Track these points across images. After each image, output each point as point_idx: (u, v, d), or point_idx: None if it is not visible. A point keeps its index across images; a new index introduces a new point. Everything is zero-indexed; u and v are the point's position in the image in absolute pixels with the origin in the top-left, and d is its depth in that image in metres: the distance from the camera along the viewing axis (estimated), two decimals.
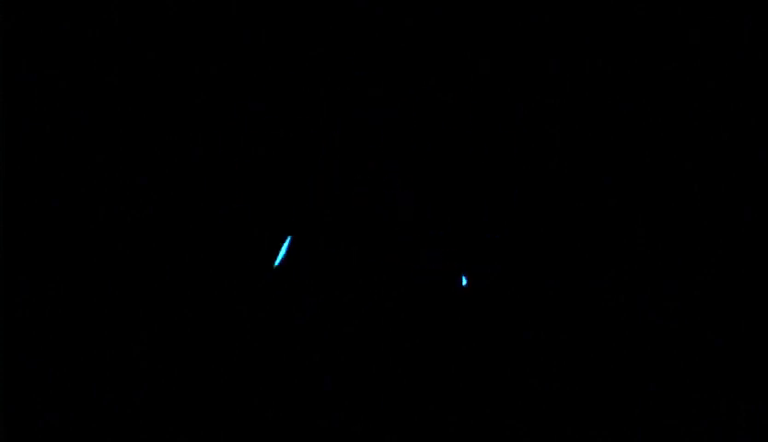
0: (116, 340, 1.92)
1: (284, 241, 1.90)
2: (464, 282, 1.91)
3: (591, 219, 1.93)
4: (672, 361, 1.88)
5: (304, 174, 1.96)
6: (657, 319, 1.89)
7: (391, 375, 1.93)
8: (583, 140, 1.93)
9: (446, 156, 1.96)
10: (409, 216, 1.96)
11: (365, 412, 1.91)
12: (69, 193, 1.94)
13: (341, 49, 1.95)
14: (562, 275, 1.93)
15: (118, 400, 1.91)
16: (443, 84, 1.95)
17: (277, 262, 1.91)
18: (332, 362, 1.93)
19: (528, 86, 1.93)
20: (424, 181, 1.96)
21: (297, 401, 1.92)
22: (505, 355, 1.92)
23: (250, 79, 1.96)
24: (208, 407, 1.92)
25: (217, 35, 1.95)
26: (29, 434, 1.90)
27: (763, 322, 1.87)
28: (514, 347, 1.92)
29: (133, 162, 1.95)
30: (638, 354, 1.89)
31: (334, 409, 1.91)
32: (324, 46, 1.95)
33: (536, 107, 1.94)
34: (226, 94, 1.96)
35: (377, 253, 1.96)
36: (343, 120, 1.96)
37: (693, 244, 1.90)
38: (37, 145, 1.94)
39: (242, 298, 1.94)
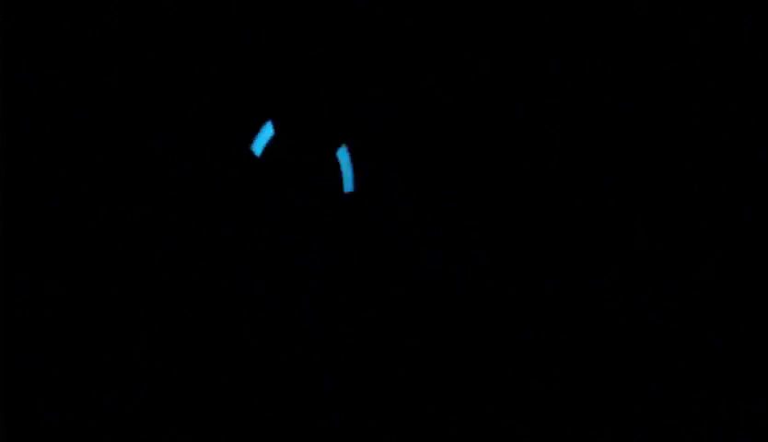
0: (116, 340, 1.93)
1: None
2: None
3: (591, 219, 1.93)
4: (672, 361, 1.89)
5: (303, 174, 1.96)
6: (657, 319, 1.89)
7: (391, 375, 1.93)
8: (583, 140, 1.93)
9: (446, 156, 1.96)
10: (409, 216, 1.97)
11: (365, 412, 1.92)
12: (69, 193, 1.94)
13: (341, 49, 1.95)
14: (562, 275, 1.93)
15: (118, 400, 1.91)
16: (443, 84, 1.95)
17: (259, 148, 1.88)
18: (332, 362, 1.94)
19: (528, 86, 1.94)
20: (424, 181, 1.96)
21: (297, 401, 1.92)
22: (505, 355, 1.92)
23: (250, 79, 1.96)
24: (208, 407, 1.92)
25: (217, 35, 1.95)
26: (29, 434, 1.90)
27: (763, 322, 1.87)
28: (514, 347, 1.92)
29: (134, 162, 1.95)
30: (638, 354, 1.89)
31: (334, 409, 1.92)
32: (324, 46, 1.95)
33: (536, 107, 1.94)
34: (225, 94, 1.96)
35: (376, 253, 1.96)
36: (343, 120, 1.96)
37: (693, 244, 1.90)
38: (37, 145, 1.94)
39: (242, 298, 1.95)
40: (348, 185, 1.89)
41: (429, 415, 1.91)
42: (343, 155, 1.87)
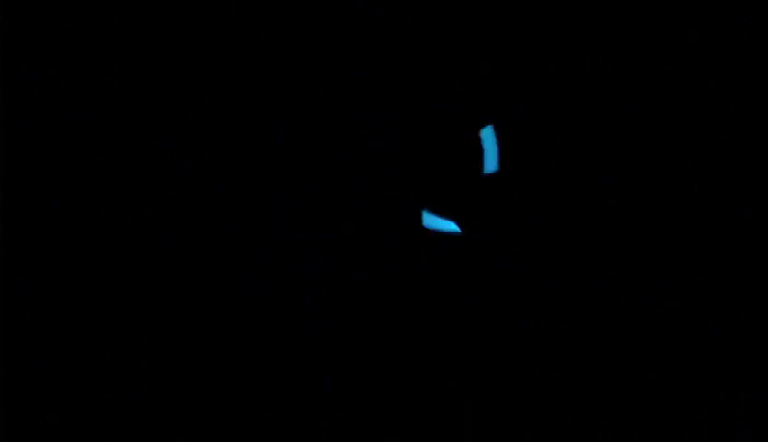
0: (116, 340, 1.93)
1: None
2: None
3: (591, 219, 1.93)
4: (672, 351, 1.89)
5: (303, 174, 1.96)
6: (657, 311, 1.89)
7: (391, 375, 1.93)
8: (583, 140, 1.93)
9: (446, 156, 1.96)
10: (409, 216, 1.96)
11: (365, 412, 1.91)
12: (69, 193, 1.94)
13: (341, 49, 1.95)
14: (562, 275, 1.93)
15: (118, 400, 1.91)
16: (443, 84, 1.95)
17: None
18: (332, 362, 1.93)
19: (528, 86, 1.94)
20: (425, 182, 1.96)
21: (297, 401, 1.92)
22: (505, 356, 1.92)
23: (250, 79, 1.96)
24: (208, 407, 1.92)
25: (217, 35, 1.95)
26: (29, 434, 1.90)
27: (763, 316, 1.87)
28: (514, 347, 1.92)
29: (134, 162, 1.95)
30: (638, 346, 1.89)
31: (334, 409, 1.91)
32: (324, 46, 1.95)
33: (536, 107, 1.94)
34: (226, 94, 1.96)
35: (377, 253, 1.96)
36: (343, 120, 1.96)
37: (693, 244, 1.90)
38: (37, 145, 1.94)
39: (242, 298, 1.94)
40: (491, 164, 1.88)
41: (429, 415, 1.91)
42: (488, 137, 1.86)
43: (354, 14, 1.94)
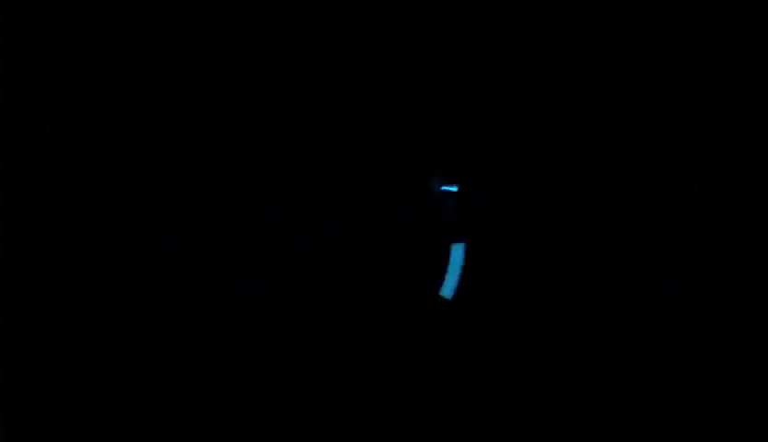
0: (116, 340, 1.93)
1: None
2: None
3: (591, 219, 1.93)
4: (672, 351, 1.89)
5: (303, 174, 1.96)
6: (657, 311, 1.89)
7: (391, 375, 1.93)
8: (583, 140, 1.93)
9: (445, 156, 1.96)
10: (408, 216, 1.96)
11: (365, 412, 1.92)
12: (69, 193, 1.94)
13: (341, 49, 1.95)
14: (562, 275, 1.93)
15: (118, 400, 1.91)
16: (443, 84, 1.95)
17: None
18: (332, 362, 1.94)
19: (528, 86, 1.94)
20: (424, 182, 1.96)
21: (297, 401, 1.92)
22: (505, 356, 1.92)
23: (250, 79, 1.96)
24: (208, 407, 1.92)
25: (217, 35, 1.95)
26: (29, 434, 1.90)
27: (763, 316, 1.87)
28: (514, 348, 1.92)
29: (134, 162, 1.95)
30: (638, 345, 1.89)
31: (334, 409, 1.92)
32: (324, 46, 1.95)
33: (536, 107, 1.94)
34: (226, 94, 1.96)
35: (377, 254, 1.96)
36: (343, 120, 1.96)
37: (693, 244, 1.90)
38: (37, 145, 1.94)
39: (242, 298, 1.94)
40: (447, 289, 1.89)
41: (429, 415, 1.91)
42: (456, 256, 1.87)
43: (354, 14, 1.94)
